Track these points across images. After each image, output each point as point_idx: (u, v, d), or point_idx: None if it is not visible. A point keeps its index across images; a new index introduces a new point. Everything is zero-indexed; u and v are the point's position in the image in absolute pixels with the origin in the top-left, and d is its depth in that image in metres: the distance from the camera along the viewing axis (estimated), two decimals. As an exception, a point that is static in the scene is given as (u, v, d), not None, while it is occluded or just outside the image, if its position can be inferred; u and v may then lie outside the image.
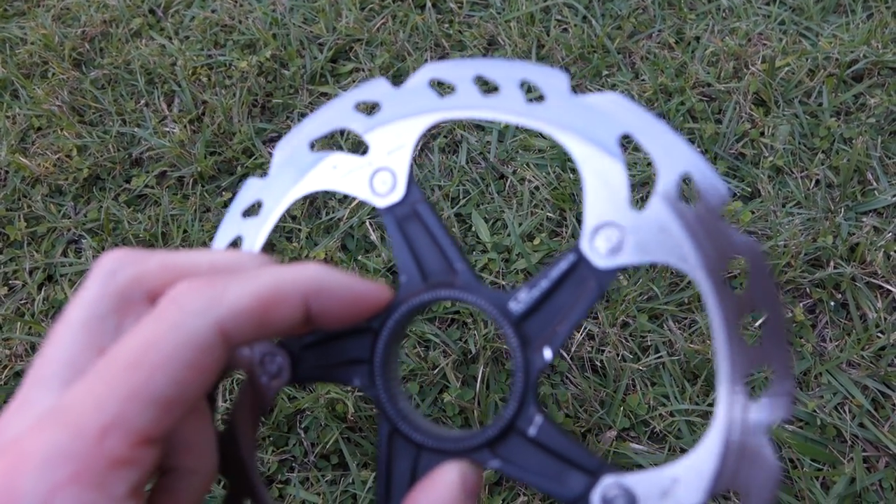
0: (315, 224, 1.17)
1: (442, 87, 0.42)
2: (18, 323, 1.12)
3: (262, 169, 1.25)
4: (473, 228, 1.15)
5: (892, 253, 1.05)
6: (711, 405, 0.95)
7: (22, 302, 1.15)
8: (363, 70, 1.37)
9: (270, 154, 1.27)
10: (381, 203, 0.41)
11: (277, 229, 1.18)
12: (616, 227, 0.36)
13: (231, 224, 0.45)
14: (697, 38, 1.34)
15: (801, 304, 1.03)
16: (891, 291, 1.03)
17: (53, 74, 1.43)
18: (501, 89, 0.40)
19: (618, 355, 0.99)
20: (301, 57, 1.40)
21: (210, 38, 1.45)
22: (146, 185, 1.26)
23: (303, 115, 1.32)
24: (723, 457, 0.34)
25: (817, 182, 1.15)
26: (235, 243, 0.45)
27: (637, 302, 1.04)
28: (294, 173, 0.44)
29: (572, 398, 0.97)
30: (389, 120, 0.42)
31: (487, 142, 1.25)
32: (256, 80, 1.36)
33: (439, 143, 1.26)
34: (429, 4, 1.44)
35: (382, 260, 1.11)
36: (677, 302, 1.05)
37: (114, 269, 0.36)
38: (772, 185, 1.15)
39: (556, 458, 0.38)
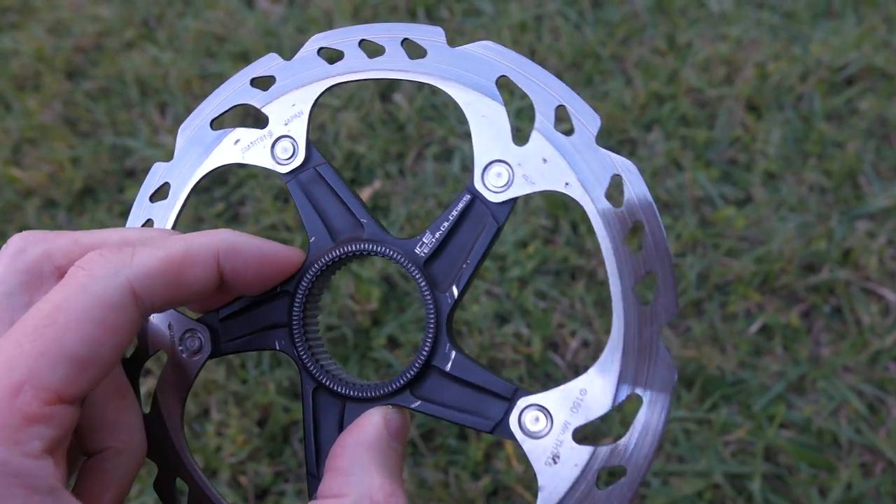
0: (309, 234, 1.17)
1: (331, 55, 0.44)
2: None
3: (255, 179, 1.25)
4: (467, 236, 1.15)
5: (885, 257, 1.05)
6: (708, 411, 0.95)
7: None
8: (356, 79, 1.37)
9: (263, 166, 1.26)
10: (284, 170, 0.44)
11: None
12: (503, 164, 0.40)
13: (140, 209, 0.47)
14: (689, 44, 1.35)
15: (795, 310, 1.03)
16: (884, 296, 1.03)
17: (46, 86, 1.43)
18: (386, 50, 0.42)
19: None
20: (294, 66, 1.40)
21: (203, 49, 1.45)
22: (139, 197, 1.26)
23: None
24: (622, 361, 0.38)
25: (810, 187, 1.15)
26: (147, 227, 0.47)
27: (632, 309, 1.04)
28: (199, 152, 0.45)
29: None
30: (284, 91, 0.44)
31: (481, 150, 1.25)
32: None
33: (433, 151, 1.26)
34: (421, 13, 1.45)
35: (377, 270, 1.11)
36: (672, 308, 1.05)
37: (22, 246, 0.37)
38: (765, 190, 1.15)
39: (474, 389, 0.41)
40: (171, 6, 1.54)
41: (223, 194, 1.25)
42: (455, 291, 0.40)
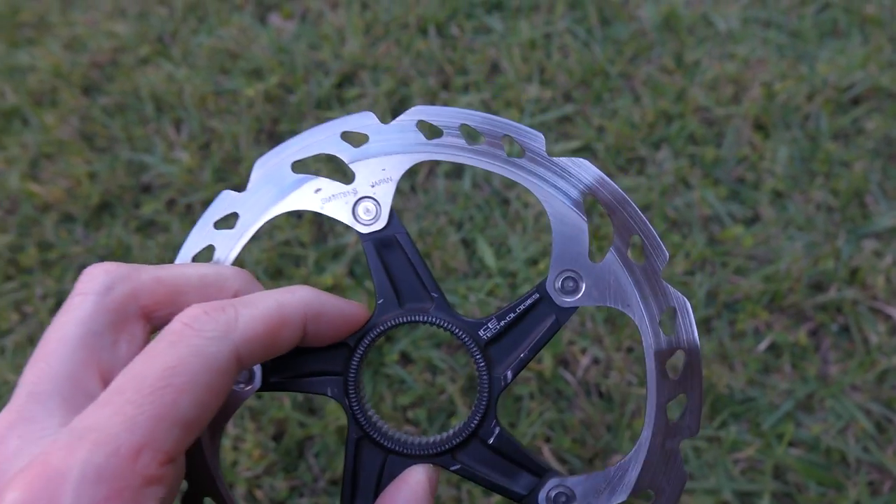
0: (322, 250, 1.19)
1: (430, 130, 0.45)
2: (30, 349, 1.13)
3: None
4: (479, 253, 1.17)
5: (892, 277, 1.07)
6: (717, 429, 0.96)
7: (34, 329, 1.16)
8: (367, 96, 1.39)
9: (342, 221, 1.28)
10: (363, 230, 0.46)
11: (285, 256, 1.19)
12: (576, 274, 0.44)
13: (202, 233, 0.46)
14: (697, 63, 1.37)
15: (803, 328, 1.05)
16: (891, 315, 1.04)
17: (63, 102, 1.45)
18: (485, 140, 0.45)
19: (623, 380, 1.01)
20: (307, 83, 1.43)
21: (217, 65, 1.47)
22: (155, 211, 1.28)
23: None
24: (644, 464, 0.44)
25: (818, 206, 1.17)
26: (206, 251, 0.47)
27: (641, 326, 1.05)
28: (275, 191, 0.46)
29: (579, 423, 0.98)
30: (376, 153, 0.45)
31: (492, 167, 1.27)
32: (263, 107, 1.38)
33: (444, 168, 1.27)
34: (432, 30, 1.47)
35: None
36: (681, 326, 1.06)
37: (110, 283, 0.36)
38: (773, 209, 1.17)
39: (510, 461, 0.45)
40: (186, 23, 1.56)
41: (238, 210, 1.27)
42: (509, 376, 0.44)
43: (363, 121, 0.45)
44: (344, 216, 0.45)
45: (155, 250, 1.21)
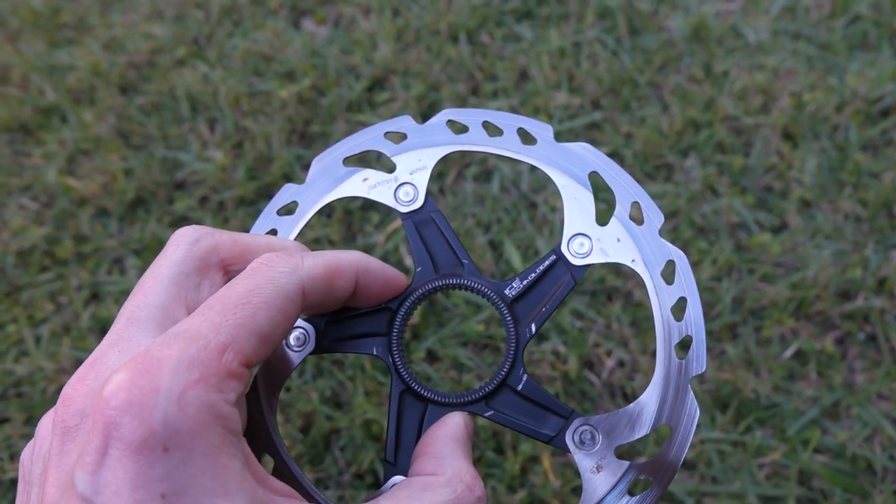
0: (351, 247, 1.21)
1: (458, 127, 0.54)
2: (65, 338, 1.15)
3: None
4: (505, 255, 1.18)
5: (921, 287, 1.07)
6: (742, 433, 0.97)
7: (68, 318, 1.19)
8: (398, 100, 1.41)
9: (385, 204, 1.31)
10: (404, 210, 0.53)
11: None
12: (586, 237, 0.51)
13: (267, 219, 0.54)
14: (725, 73, 1.37)
15: (830, 336, 1.05)
16: (920, 325, 1.04)
17: (101, 100, 1.49)
18: (504, 133, 0.53)
19: (648, 382, 1.01)
20: (338, 87, 1.45)
21: (251, 68, 1.50)
22: (189, 208, 1.31)
23: (340, 143, 1.37)
24: (660, 401, 0.49)
25: (846, 215, 1.17)
26: (270, 234, 0.53)
27: (667, 330, 1.06)
28: (329, 182, 0.54)
29: (603, 424, 0.99)
30: (413, 147, 0.53)
31: (519, 172, 1.28)
32: (295, 108, 1.41)
33: (472, 171, 1.29)
34: (463, 37, 1.49)
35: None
36: (708, 331, 1.06)
37: (196, 237, 0.43)
38: (801, 218, 1.17)
39: (538, 406, 0.50)
40: (221, 26, 1.60)
41: (269, 208, 1.30)
42: (534, 328, 0.51)
43: (402, 123, 0.54)
44: (388, 199, 0.53)
45: (188, 245, 1.24)
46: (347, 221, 1.26)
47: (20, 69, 1.57)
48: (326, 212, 1.27)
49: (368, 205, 1.28)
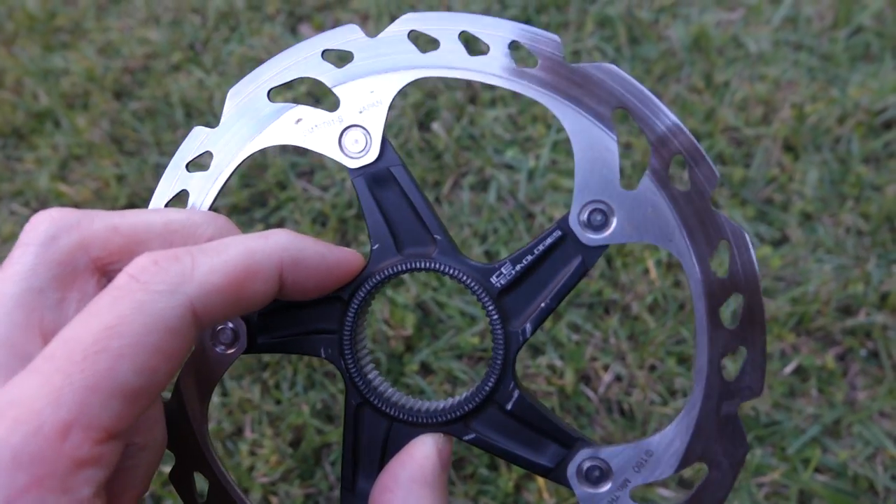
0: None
1: (424, 41, 0.38)
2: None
3: (294, 202, 1.27)
4: (502, 266, 1.16)
5: (924, 302, 1.05)
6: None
7: (57, 327, 1.17)
8: (396, 107, 1.39)
9: (304, 189, 1.29)
10: (352, 164, 0.39)
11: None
12: (605, 205, 0.37)
13: (174, 176, 0.41)
14: (726, 83, 1.36)
15: (831, 352, 1.03)
16: (923, 341, 1.02)
17: (95, 105, 1.47)
18: (490, 50, 0.38)
19: (646, 398, 0.99)
20: (335, 93, 1.43)
21: (246, 73, 1.49)
22: (181, 216, 1.29)
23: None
24: (694, 431, 0.37)
25: (847, 229, 1.15)
26: (180, 198, 0.41)
27: (666, 345, 1.04)
28: (251, 124, 0.41)
29: (600, 440, 0.97)
30: (363, 73, 0.38)
31: (517, 181, 1.27)
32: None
33: (469, 181, 1.27)
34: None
35: (411, 296, 1.12)
36: (706, 346, 1.04)
37: (54, 233, 0.31)
38: (801, 231, 1.15)
39: (533, 430, 0.39)
40: (218, 31, 1.59)
41: (262, 216, 1.28)
42: (528, 329, 0.38)
43: (347, 35, 0.38)
44: (331, 150, 0.39)
45: (179, 253, 1.22)
46: (342, 230, 1.24)
47: (14, 73, 1.55)
48: (321, 220, 1.26)
49: (363, 214, 1.26)
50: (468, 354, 1.06)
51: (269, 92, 0.41)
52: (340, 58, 0.38)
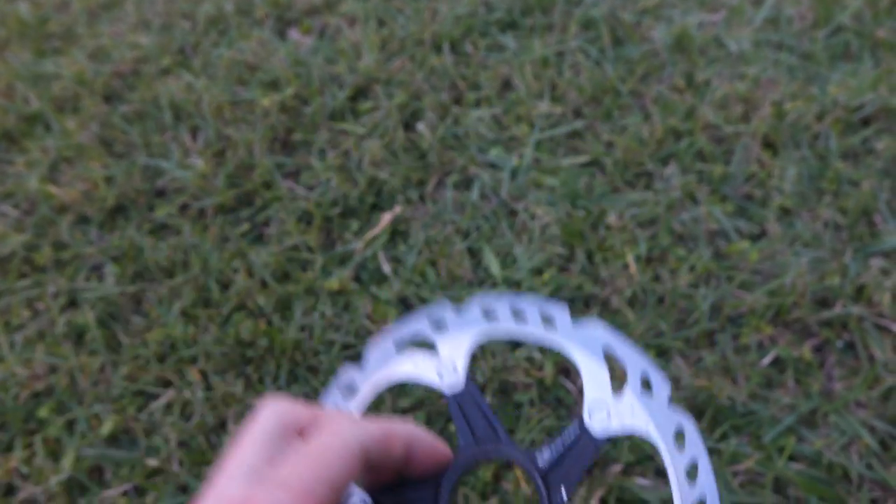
0: (330, 255, 1.20)
1: (489, 313, 0.60)
2: (39, 345, 1.15)
3: (280, 201, 1.28)
4: (484, 263, 1.17)
5: (899, 294, 1.06)
6: (718, 441, 0.96)
7: (44, 325, 1.18)
8: (381, 108, 1.41)
9: (290, 188, 1.31)
10: (447, 389, 0.57)
11: (293, 260, 1.21)
12: (604, 408, 0.54)
13: (328, 399, 0.59)
14: (707, 82, 1.38)
15: (808, 344, 1.04)
16: (898, 332, 1.03)
17: (85, 108, 1.49)
18: (528, 318, 0.59)
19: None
20: (322, 95, 1.45)
21: (235, 77, 1.51)
22: (168, 215, 1.30)
23: (322, 151, 1.37)
24: None
25: (825, 223, 1.16)
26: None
27: (644, 337, 1.05)
28: (382, 365, 0.60)
29: (578, 431, 0.98)
30: (453, 332, 0.60)
31: (500, 179, 1.28)
32: (278, 117, 1.41)
33: (453, 179, 1.29)
34: (446, 47, 1.49)
35: (394, 292, 1.13)
36: (685, 338, 1.06)
37: (282, 410, 0.47)
38: (780, 226, 1.16)
39: None
40: (207, 36, 1.61)
41: (249, 215, 1.29)
42: (564, 496, 0.52)
43: (442, 310, 0.61)
44: (433, 379, 0.58)
45: (166, 252, 1.23)
46: (326, 228, 1.26)
47: (5, 78, 1.57)
48: (306, 219, 1.27)
49: (348, 212, 1.28)
50: (449, 348, 1.07)
51: (395, 343, 0.60)
52: (438, 324, 0.59)
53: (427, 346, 0.61)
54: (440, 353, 0.59)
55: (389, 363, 0.59)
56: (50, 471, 1.00)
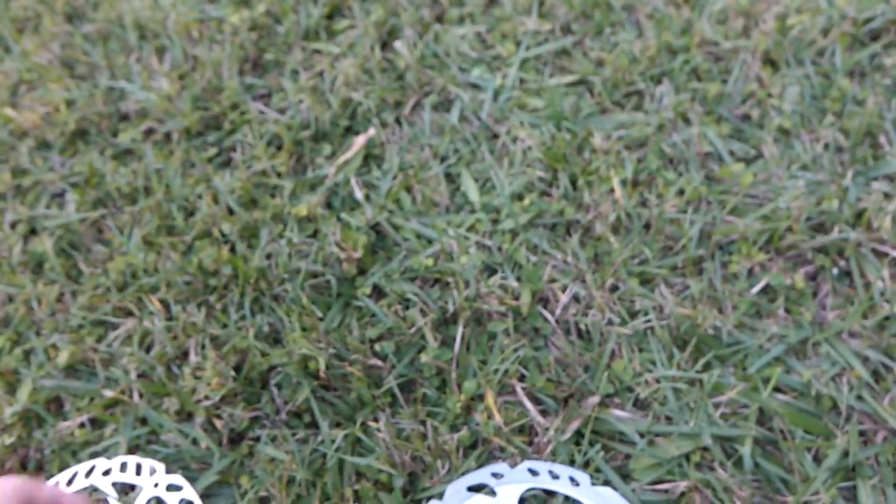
0: (300, 181, 1.14)
1: (532, 472, 0.81)
2: (-2, 274, 1.10)
3: (248, 124, 1.21)
4: (462, 188, 1.11)
5: (901, 218, 0.99)
6: (700, 372, 0.91)
7: (1, 253, 1.13)
8: (357, 27, 1.32)
9: (260, 111, 1.23)
10: None
11: (260, 185, 1.15)
12: None
13: None
14: (706, -4, 1.28)
15: (801, 271, 0.98)
16: (898, 258, 0.97)
17: (46, 29, 1.41)
18: (560, 477, 0.81)
19: (604, 319, 0.95)
20: (296, 13, 1.36)
21: None
22: (132, 140, 1.24)
23: (294, 72, 1.29)
24: None
25: (826, 145, 1.09)
26: None
27: (628, 265, 0.99)
28: (456, 500, 0.81)
29: (555, 362, 0.93)
30: (506, 483, 0.81)
31: (481, 100, 1.20)
32: (248, 36, 1.33)
33: (432, 100, 1.21)
34: (428, -40, 1.39)
35: (366, 218, 1.07)
36: (671, 266, 1.00)
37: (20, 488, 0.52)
38: (777, 148, 1.09)
39: None
40: (175, -50, 1.51)
41: (216, 139, 1.23)
42: None
43: (499, 468, 0.83)
44: None
45: (128, 177, 1.17)
46: (298, 153, 1.19)
47: (-37, -3, 1.48)
48: (276, 143, 1.20)
49: (320, 135, 1.20)
50: (421, 276, 1.02)
51: (467, 486, 0.81)
52: (496, 476, 0.82)
53: (489, 492, 0.80)
54: (498, 496, 0.80)
55: (462, 500, 0.80)
56: (4, 402, 0.97)
